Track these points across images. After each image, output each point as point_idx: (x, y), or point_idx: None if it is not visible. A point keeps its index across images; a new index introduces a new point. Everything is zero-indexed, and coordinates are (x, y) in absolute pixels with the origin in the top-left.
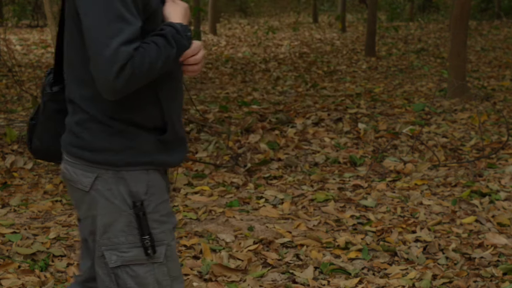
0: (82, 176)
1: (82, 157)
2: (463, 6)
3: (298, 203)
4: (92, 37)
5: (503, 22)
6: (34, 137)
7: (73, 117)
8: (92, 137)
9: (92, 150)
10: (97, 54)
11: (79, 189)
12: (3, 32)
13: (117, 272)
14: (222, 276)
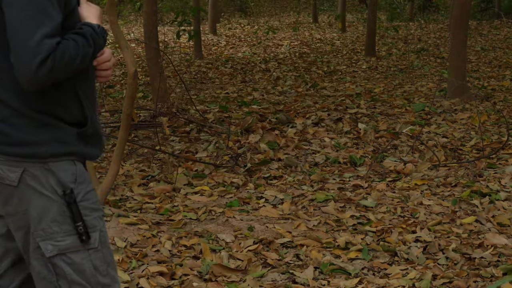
0: (8, 171)
1: (7, 152)
2: (463, 6)
3: (298, 203)
4: (15, 28)
5: (503, 22)
6: None
7: None
8: (17, 132)
9: (17, 144)
10: (20, 45)
11: (7, 185)
12: None
13: (54, 261)
14: (222, 276)
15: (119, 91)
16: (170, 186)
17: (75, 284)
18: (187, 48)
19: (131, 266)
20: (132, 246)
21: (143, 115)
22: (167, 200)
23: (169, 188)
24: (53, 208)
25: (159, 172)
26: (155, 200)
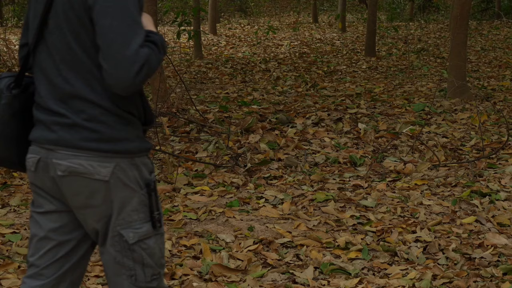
0: (100, 167)
1: (99, 149)
2: (463, 6)
3: (298, 203)
4: (111, 37)
5: (503, 22)
6: None
7: (80, 115)
8: (108, 129)
9: (109, 141)
10: (117, 54)
11: (96, 180)
12: (3, 32)
13: (133, 247)
14: (222, 276)
15: None
16: (170, 186)
17: (147, 267)
18: (187, 48)
19: None
20: None
21: None
22: (167, 200)
23: (169, 188)
24: (135, 198)
25: (159, 172)
26: None
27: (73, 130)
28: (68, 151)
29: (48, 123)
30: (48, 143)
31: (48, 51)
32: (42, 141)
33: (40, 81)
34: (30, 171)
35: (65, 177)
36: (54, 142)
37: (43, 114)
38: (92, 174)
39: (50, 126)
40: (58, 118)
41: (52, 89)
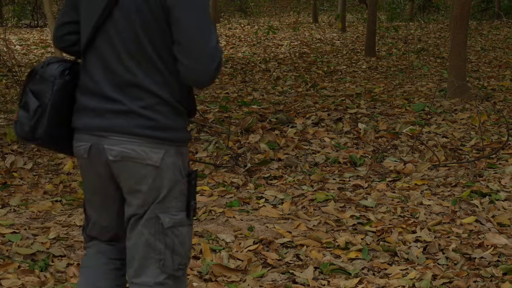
0: (152, 152)
1: (153, 136)
2: (463, 6)
3: (298, 203)
4: (194, 36)
5: (503, 22)
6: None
7: (137, 102)
8: (164, 118)
9: (162, 129)
10: (200, 50)
11: (147, 165)
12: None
13: (167, 232)
14: (222, 276)
15: None
16: None
17: (176, 254)
18: None
19: None
20: None
21: None
22: None
23: None
24: (177, 186)
25: None
26: None
27: (129, 117)
28: (121, 137)
29: (100, 109)
30: (100, 130)
31: (109, 41)
32: (93, 128)
33: (96, 67)
34: (83, 158)
35: (116, 162)
36: (107, 128)
37: (93, 101)
38: (144, 159)
39: (102, 113)
40: (112, 104)
41: (110, 76)
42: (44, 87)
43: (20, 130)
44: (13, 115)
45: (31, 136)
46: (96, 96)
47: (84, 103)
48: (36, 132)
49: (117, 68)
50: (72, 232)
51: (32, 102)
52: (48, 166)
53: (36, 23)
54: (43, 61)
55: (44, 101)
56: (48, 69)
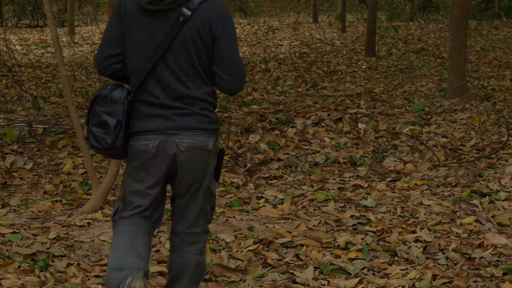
0: (208, 140)
1: (209, 128)
2: (463, 6)
3: (298, 203)
4: (232, 60)
5: (503, 22)
6: (118, 138)
7: (194, 107)
8: (212, 115)
9: (213, 123)
10: (236, 69)
11: (206, 150)
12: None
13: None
14: (222, 276)
15: None
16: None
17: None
18: None
19: None
20: None
21: None
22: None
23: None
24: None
25: None
26: None
27: (192, 117)
28: (189, 132)
29: (167, 115)
30: (170, 129)
31: (168, 67)
32: (163, 129)
33: (155, 87)
34: (150, 153)
35: (186, 151)
36: (176, 127)
37: (160, 110)
38: (205, 146)
39: (169, 117)
40: (176, 110)
41: (168, 92)
42: (115, 107)
43: (100, 144)
44: (13, 115)
45: (111, 147)
46: (159, 106)
47: (147, 112)
48: (116, 143)
49: (176, 86)
50: (72, 232)
51: (110, 120)
52: (48, 166)
53: (36, 23)
54: (105, 88)
55: (119, 118)
56: (115, 93)
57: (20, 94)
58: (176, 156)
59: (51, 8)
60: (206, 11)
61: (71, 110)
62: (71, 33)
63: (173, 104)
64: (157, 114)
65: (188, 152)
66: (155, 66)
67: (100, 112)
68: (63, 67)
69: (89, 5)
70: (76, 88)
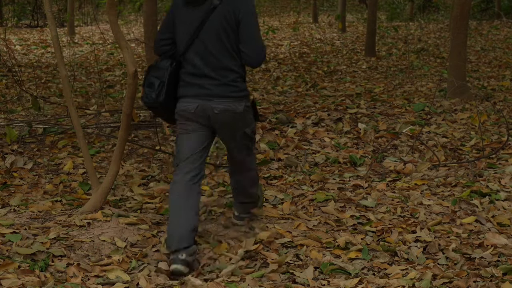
0: (238, 105)
1: (238, 96)
2: (463, 6)
3: (298, 203)
4: (254, 38)
5: (503, 22)
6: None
7: (227, 78)
8: (241, 85)
9: (241, 91)
10: (257, 47)
11: (237, 113)
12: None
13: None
14: (222, 276)
15: (119, 91)
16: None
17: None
18: None
19: (131, 266)
20: (132, 246)
21: (143, 115)
22: (167, 200)
23: (169, 188)
24: (249, 115)
25: (159, 172)
26: (155, 200)
27: (223, 87)
28: (221, 99)
29: (205, 84)
30: (206, 96)
31: (201, 43)
32: (201, 95)
33: (195, 59)
34: (190, 112)
35: (219, 113)
36: (212, 95)
37: (199, 79)
38: (235, 110)
39: (206, 86)
40: (212, 81)
41: (205, 64)
42: (161, 73)
43: (147, 99)
44: (13, 115)
45: (155, 101)
46: (199, 76)
47: (190, 81)
48: (159, 98)
49: (210, 60)
50: (72, 232)
51: (155, 81)
52: (48, 166)
53: (36, 23)
54: (156, 60)
55: (162, 80)
56: (162, 63)
57: (20, 94)
58: (211, 117)
59: (51, 8)
60: (231, 0)
61: (71, 110)
62: (71, 33)
63: (210, 75)
64: (196, 83)
65: (221, 114)
66: (193, 44)
67: (150, 76)
68: (63, 67)
69: (89, 5)
70: (76, 88)
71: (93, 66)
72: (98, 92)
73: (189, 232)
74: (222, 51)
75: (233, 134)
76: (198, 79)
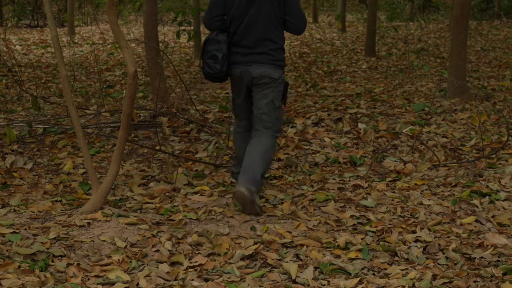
0: (275, 73)
1: (275, 64)
2: (463, 6)
3: (298, 203)
4: (298, 9)
5: (503, 22)
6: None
7: (268, 47)
8: (279, 55)
9: (279, 60)
10: (300, 16)
11: (274, 79)
12: (3, 32)
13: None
14: (222, 276)
15: (119, 91)
16: (170, 186)
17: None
18: (187, 48)
19: (131, 266)
20: (132, 246)
21: (143, 115)
22: (167, 200)
23: (169, 188)
24: (280, 88)
25: (159, 172)
26: (155, 200)
27: (263, 55)
28: (259, 65)
29: (248, 52)
30: (247, 62)
31: (252, 18)
32: (244, 62)
33: (245, 32)
34: (236, 76)
35: (257, 77)
36: (252, 61)
37: (245, 49)
38: (270, 75)
39: (249, 54)
40: (254, 50)
41: (253, 35)
42: (220, 46)
43: (212, 70)
44: (13, 115)
45: (219, 71)
46: (244, 47)
47: (237, 50)
48: (223, 68)
49: (257, 32)
50: (72, 232)
51: (218, 54)
52: (48, 166)
53: (36, 23)
54: (213, 34)
55: (224, 52)
56: (220, 36)
57: (20, 94)
58: (250, 80)
59: (51, 8)
60: None
61: (71, 110)
62: (71, 33)
63: (252, 45)
64: (241, 52)
65: (257, 78)
66: (244, 19)
67: (211, 50)
68: (63, 67)
69: (89, 5)
70: (76, 88)
71: (93, 66)
72: (98, 92)
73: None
74: (268, 24)
75: (262, 99)
76: (244, 49)
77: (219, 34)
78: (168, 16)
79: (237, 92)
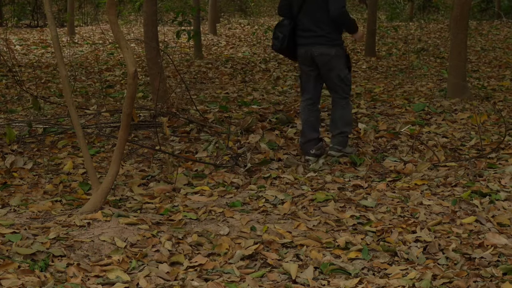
0: (330, 50)
1: (331, 44)
2: (463, 6)
3: (298, 203)
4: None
5: (503, 22)
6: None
7: (324, 30)
8: (333, 36)
9: (334, 40)
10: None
11: (328, 55)
12: (3, 32)
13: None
14: (222, 276)
15: (119, 91)
16: (170, 186)
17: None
18: (187, 48)
19: (131, 266)
20: (132, 246)
21: (143, 115)
22: (167, 200)
23: (169, 188)
24: (342, 60)
25: (159, 172)
26: (155, 200)
27: (321, 37)
28: (319, 45)
29: (310, 35)
30: (310, 44)
31: (308, 6)
32: (306, 43)
33: (304, 19)
34: (301, 56)
35: (318, 56)
36: (313, 43)
37: (306, 32)
38: (329, 53)
39: (310, 37)
40: (313, 33)
41: (311, 21)
42: (284, 28)
43: (275, 46)
44: (13, 115)
45: (280, 47)
46: (306, 30)
47: (301, 34)
48: (283, 46)
49: (314, 17)
50: (72, 232)
51: (280, 35)
52: (48, 166)
53: (36, 23)
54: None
55: (285, 34)
56: (285, 21)
57: (20, 94)
58: (314, 59)
59: (51, 8)
60: None
61: (71, 110)
62: (71, 33)
63: (313, 28)
64: (304, 35)
65: (319, 56)
66: (303, 8)
67: (276, 31)
68: (63, 67)
69: (89, 5)
70: (76, 88)
71: (93, 66)
72: (98, 92)
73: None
74: (321, 11)
75: (328, 74)
76: (306, 32)
77: (285, 20)
78: (168, 16)
79: (303, 70)
